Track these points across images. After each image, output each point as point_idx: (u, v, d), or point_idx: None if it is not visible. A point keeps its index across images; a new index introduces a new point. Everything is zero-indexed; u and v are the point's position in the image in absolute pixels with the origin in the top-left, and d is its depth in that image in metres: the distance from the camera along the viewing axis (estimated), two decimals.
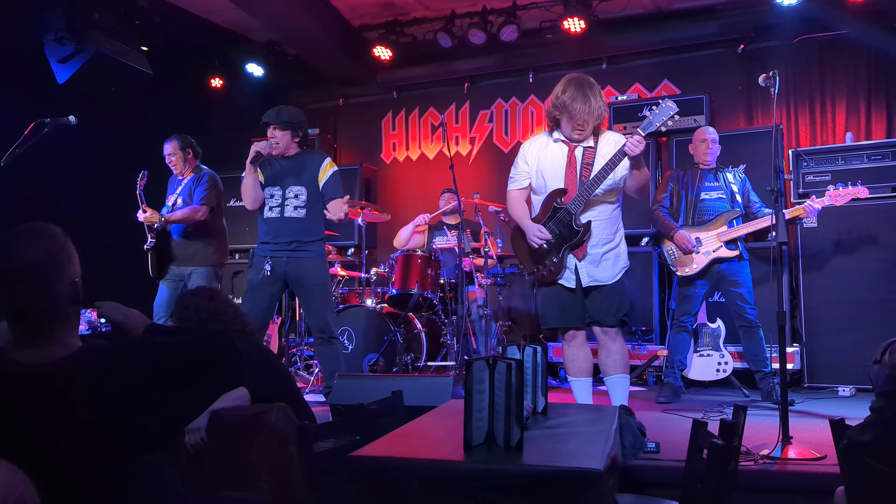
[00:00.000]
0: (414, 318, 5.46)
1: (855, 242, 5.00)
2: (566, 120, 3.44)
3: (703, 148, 4.72)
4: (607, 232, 3.51)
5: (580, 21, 5.96)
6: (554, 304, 3.56)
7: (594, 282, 3.49)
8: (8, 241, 1.57)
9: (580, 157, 3.49)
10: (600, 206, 3.49)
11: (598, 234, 3.48)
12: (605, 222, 3.50)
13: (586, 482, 1.71)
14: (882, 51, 5.71)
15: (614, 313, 3.51)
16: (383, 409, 2.53)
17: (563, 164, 3.50)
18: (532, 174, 3.58)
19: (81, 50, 5.57)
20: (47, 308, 1.59)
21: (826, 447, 3.00)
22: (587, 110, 3.36)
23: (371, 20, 6.72)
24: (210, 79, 7.17)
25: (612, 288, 3.51)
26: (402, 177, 7.43)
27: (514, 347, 2.46)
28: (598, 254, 3.48)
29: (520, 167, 3.62)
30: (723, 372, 4.82)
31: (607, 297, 3.50)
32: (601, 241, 3.49)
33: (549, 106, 3.52)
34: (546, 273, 3.51)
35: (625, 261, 3.58)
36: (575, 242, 3.45)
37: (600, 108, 3.43)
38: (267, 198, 4.36)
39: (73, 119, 4.01)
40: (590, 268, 3.48)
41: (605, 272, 3.49)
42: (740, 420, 2.08)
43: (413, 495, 1.80)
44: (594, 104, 3.38)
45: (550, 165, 3.52)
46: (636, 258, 5.73)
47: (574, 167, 3.48)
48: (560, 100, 3.41)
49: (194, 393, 1.75)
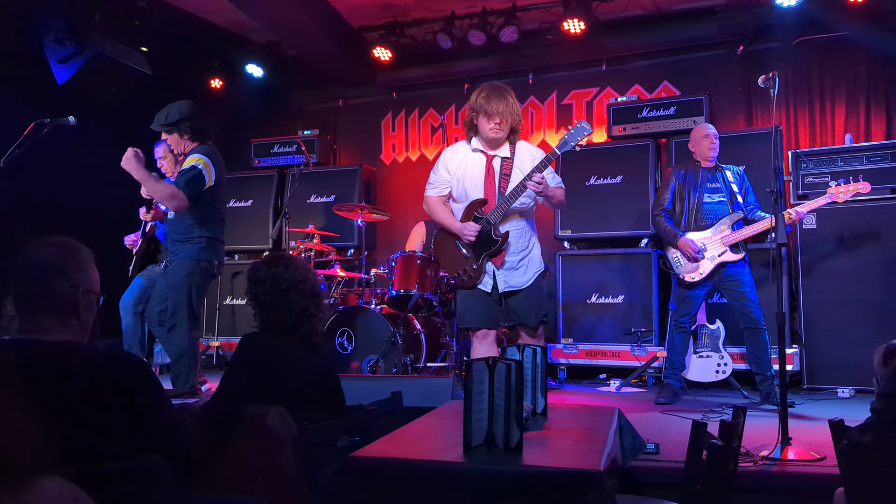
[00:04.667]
0: (413, 319, 5.46)
1: (854, 243, 5.00)
2: (483, 120, 3.60)
3: (706, 144, 4.68)
4: (523, 241, 3.74)
5: (580, 22, 5.96)
6: (473, 305, 3.74)
7: (510, 287, 3.71)
8: (30, 246, 1.78)
9: (498, 167, 3.69)
10: (517, 218, 3.72)
11: (515, 243, 3.70)
12: (521, 231, 3.73)
13: (586, 483, 1.71)
14: (882, 52, 5.71)
15: (535, 315, 3.73)
16: (383, 410, 2.53)
17: (482, 175, 3.69)
18: (453, 183, 3.77)
19: (81, 51, 5.57)
20: (43, 303, 1.72)
21: (825, 448, 3.00)
22: (503, 108, 3.55)
23: (371, 21, 6.72)
24: (210, 79, 7.17)
25: (530, 290, 3.74)
26: (401, 178, 7.43)
27: (513, 348, 2.46)
28: (515, 261, 3.71)
29: (441, 175, 3.80)
30: (722, 373, 4.82)
31: (527, 300, 3.73)
32: (517, 250, 3.71)
33: (467, 113, 3.73)
34: (466, 278, 3.72)
35: (538, 265, 3.80)
36: (494, 251, 3.66)
37: (516, 110, 3.63)
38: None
39: (73, 119, 4.01)
40: (507, 275, 3.70)
41: (520, 278, 3.72)
42: (740, 421, 2.08)
43: (413, 496, 1.80)
44: (511, 103, 3.59)
45: (471, 175, 3.71)
46: (636, 259, 5.74)
47: (493, 178, 3.68)
48: (477, 102, 3.62)
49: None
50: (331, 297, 5.96)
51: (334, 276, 5.89)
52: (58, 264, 1.76)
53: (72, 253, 1.79)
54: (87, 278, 1.80)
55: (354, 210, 5.74)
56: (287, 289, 2.55)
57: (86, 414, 1.62)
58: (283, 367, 2.49)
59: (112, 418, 1.65)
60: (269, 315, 2.56)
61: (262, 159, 7.31)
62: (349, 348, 5.32)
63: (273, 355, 2.49)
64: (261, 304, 2.57)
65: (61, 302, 1.74)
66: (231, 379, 2.52)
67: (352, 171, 7.00)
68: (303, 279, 2.60)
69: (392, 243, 7.02)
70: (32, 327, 1.72)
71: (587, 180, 5.93)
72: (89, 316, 1.81)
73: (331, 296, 5.97)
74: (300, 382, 2.50)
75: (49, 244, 1.78)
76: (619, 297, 5.74)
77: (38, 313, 1.73)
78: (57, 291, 1.73)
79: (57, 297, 1.73)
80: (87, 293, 1.79)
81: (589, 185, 5.94)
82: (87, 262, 1.82)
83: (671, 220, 4.70)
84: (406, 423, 2.41)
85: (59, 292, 1.74)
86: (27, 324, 1.73)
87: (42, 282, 1.73)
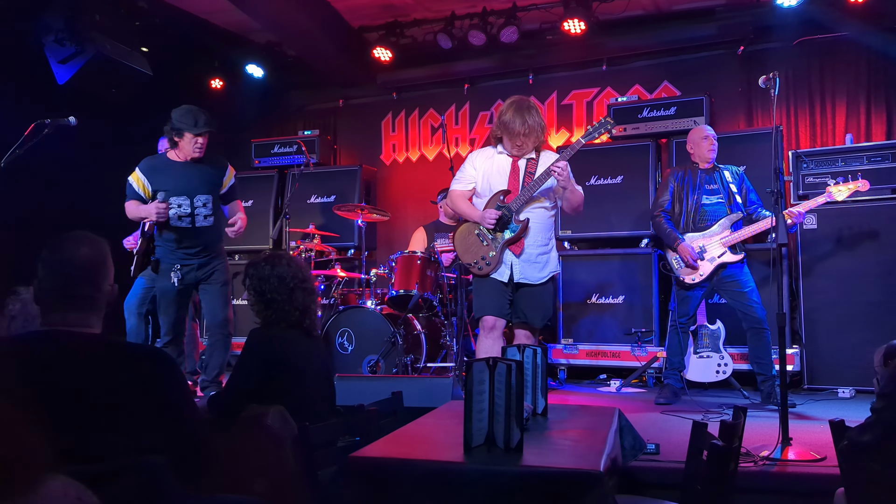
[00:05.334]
0: (413, 320, 5.46)
1: (855, 244, 5.00)
2: (507, 138, 3.82)
3: (706, 145, 4.68)
4: (543, 236, 3.86)
5: (580, 22, 5.96)
6: (490, 294, 3.82)
7: (524, 279, 3.80)
8: (69, 242, 1.85)
9: (523, 166, 3.86)
10: (539, 211, 3.83)
11: (534, 235, 3.80)
12: (542, 226, 3.84)
13: (586, 483, 1.71)
14: (882, 52, 5.70)
15: (542, 316, 3.87)
16: (383, 411, 2.54)
17: (507, 171, 3.86)
18: (479, 179, 3.92)
19: (81, 51, 5.57)
20: (89, 300, 1.83)
21: (826, 448, 3.00)
22: (524, 131, 3.74)
23: (371, 21, 6.72)
24: (210, 80, 7.17)
25: (542, 290, 3.85)
26: (401, 178, 7.43)
27: (513, 348, 2.46)
28: (534, 254, 3.81)
29: (467, 171, 3.97)
30: (722, 373, 4.81)
31: (536, 298, 3.83)
32: (537, 243, 3.82)
33: (493, 125, 3.92)
34: (483, 266, 3.81)
35: (554, 266, 3.92)
36: (513, 238, 3.76)
37: (538, 129, 3.79)
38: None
39: (73, 119, 4.02)
40: (524, 266, 3.79)
41: (536, 273, 3.82)
42: (740, 421, 2.08)
43: (413, 496, 1.80)
44: (533, 125, 3.75)
45: (497, 172, 3.87)
46: (636, 259, 5.74)
47: (517, 174, 3.85)
48: (502, 121, 3.81)
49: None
50: (331, 297, 5.96)
51: (334, 276, 5.89)
52: (103, 263, 1.88)
53: (107, 251, 1.91)
54: (112, 275, 1.93)
55: (354, 210, 5.74)
56: (293, 287, 2.73)
57: (123, 405, 1.70)
58: (297, 358, 2.67)
59: (145, 411, 1.73)
60: (275, 312, 2.72)
61: (262, 159, 7.31)
62: (349, 348, 5.32)
63: (287, 348, 2.67)
64: (267, 302, 2.73)
65: (104, 299, 1.87)
66: (246, 371, 2.65)
67: (352, 171, 7.00)
68: (304, 277, 2.79)
69: (392, 243, 7.02)
70: (75, 320, 1.80)
71: (587, 180, 5.93)
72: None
73: (331, 296, 5.97)
74: (311, 373, 2.70)
75: (87, 243, 1.87)
76: (620, 298, 5.74)
77: (87, 312, 1.82)
78: (103, 290, 1.86)
79: (102, 294, 1.86)
80: (112, 289, 1.92)
81: (589, 186, 5.94)
82: (110, 255, 1.94)
83: (670, 222, 4.69)
84: (406, 423, 2.41)
85: (104, 290, 1.87)
86: (72, 316, 1.80)
87: (93, 280, 1.84)
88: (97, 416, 1.66)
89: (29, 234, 3.40)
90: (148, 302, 4.78)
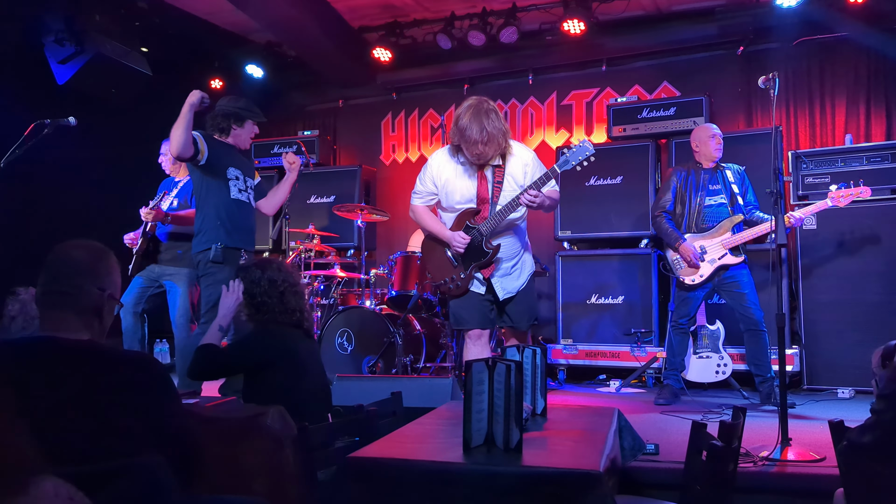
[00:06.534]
0: (413, 320, 5.46)
1: (854, 244, 5.00)
2: (464, 146, 3.50)
3: (714, 144, 4.65)
4: (515, 248, 3.70)
5: (580, 23, 5.96)
6: (469, 308, 3.69)
7: (508, 293, 3.69)
8: (68, 245, 1.87)
9: (490, 176, 3.59)
10: (509, 227, 3.66)
11: (506, 250, 3.64)
12: (513, 238, 3.69)
13: (585, 483, 1.71)
14: (882, 53, 5.70)
15: (527, 319, 3.77)
16: (382, 411, 2.53)
17: (473, 185, 3.60)
18: (441, 194, 3.70)
19: (81, 51, 5.58)
20: (73, 302, 1.80)
21: (825, 449, 3.00)
22: (483, 139, 3.40)
23: (371, 21, 6.72)
24: (210, 80, 7.17)
25: (524, 294, 3.74)
26: (401, 178, 7.42)
27: (513, 349, 2.46)
28: (508, 267, 3.69)
29: (427, 187, 3.74)
30: (722, 374, 4.81)
31: (521, 303, 3.73)
32: (509, 256, 3.68)
33: (451, 130, 3.58)
34: (453, 286, 3.69)
35: (531, 267, 3.81)
36: (484, 262, 3.61)
37: (498, 136, 3.44)
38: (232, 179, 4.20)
39: (73, 120, 4.01)
40: (503, 281, 3.68)
41: (514, 282, 3.71)
42: (740, 422, 2.08)
43: (412, 497, 1.80)
44: (490, 132, 3.40)
45: (462, 186, 3.61)
46: (635, 259, 5.74)
47: (486, 186, 3.59)
48: (458, 126, 3.49)
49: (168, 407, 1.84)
50: (331, 298, 5.96)
51: (334, 276, 5.88)
52: (90, 267, 1.85)
53: (103, 257, 1.89)
54: (112, 283, 1.90)
55: (354, 210, 5.74)
56: (283, 290, 2.83)
57: (106, 411, 1.68)
58: (298, 356, 2.78)
59: (129, 417, 1.71)
60: (265, 314, 2.83)
61: (262, 159, 7.30)
62: (349, 348, 5.32)
63: (290, 345, 2.79)
64: (258, 305, 2.84)
65: (89, 303, 1.83)
66: (244, 350, 2.81)
67: (352, 171, 7.00)
68: (294, 282, 2.91)
69: (392, 244, 7.02)
70: (58, 325, 1.79)
71: (587, 181, 5.93)
72: (109, 320, 1.90)
73: (331, 296, 5.97)
74: (311, 372, 2.82)
75: (82, 247, 1.87)
76: (619, 298, 5.74)
77: (66, 312, 1.80)
78: (86, 293, 1.82)
79: (85, 298, 1.82)
80: (111, 298, 1.88)
81: (589, 186, 5.94)
82: (114, 267, 1.93)
83: (672, 222, 4.69)
84: (406, 423, 2.41)
85: (88, 294, 1.82)
86: (53, 321, 1.80)
87: (74, 282, 1.81)
88: (80, 422, 1.63)
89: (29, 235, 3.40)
90: (144, 301, 4.76)
